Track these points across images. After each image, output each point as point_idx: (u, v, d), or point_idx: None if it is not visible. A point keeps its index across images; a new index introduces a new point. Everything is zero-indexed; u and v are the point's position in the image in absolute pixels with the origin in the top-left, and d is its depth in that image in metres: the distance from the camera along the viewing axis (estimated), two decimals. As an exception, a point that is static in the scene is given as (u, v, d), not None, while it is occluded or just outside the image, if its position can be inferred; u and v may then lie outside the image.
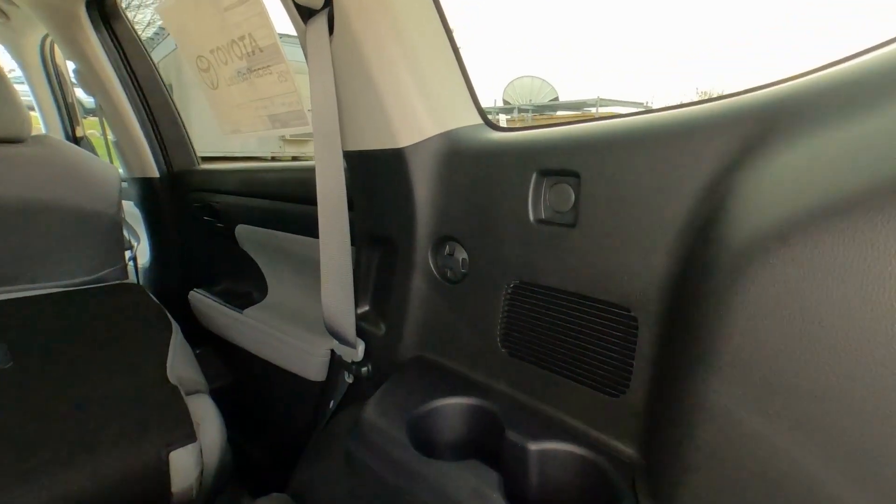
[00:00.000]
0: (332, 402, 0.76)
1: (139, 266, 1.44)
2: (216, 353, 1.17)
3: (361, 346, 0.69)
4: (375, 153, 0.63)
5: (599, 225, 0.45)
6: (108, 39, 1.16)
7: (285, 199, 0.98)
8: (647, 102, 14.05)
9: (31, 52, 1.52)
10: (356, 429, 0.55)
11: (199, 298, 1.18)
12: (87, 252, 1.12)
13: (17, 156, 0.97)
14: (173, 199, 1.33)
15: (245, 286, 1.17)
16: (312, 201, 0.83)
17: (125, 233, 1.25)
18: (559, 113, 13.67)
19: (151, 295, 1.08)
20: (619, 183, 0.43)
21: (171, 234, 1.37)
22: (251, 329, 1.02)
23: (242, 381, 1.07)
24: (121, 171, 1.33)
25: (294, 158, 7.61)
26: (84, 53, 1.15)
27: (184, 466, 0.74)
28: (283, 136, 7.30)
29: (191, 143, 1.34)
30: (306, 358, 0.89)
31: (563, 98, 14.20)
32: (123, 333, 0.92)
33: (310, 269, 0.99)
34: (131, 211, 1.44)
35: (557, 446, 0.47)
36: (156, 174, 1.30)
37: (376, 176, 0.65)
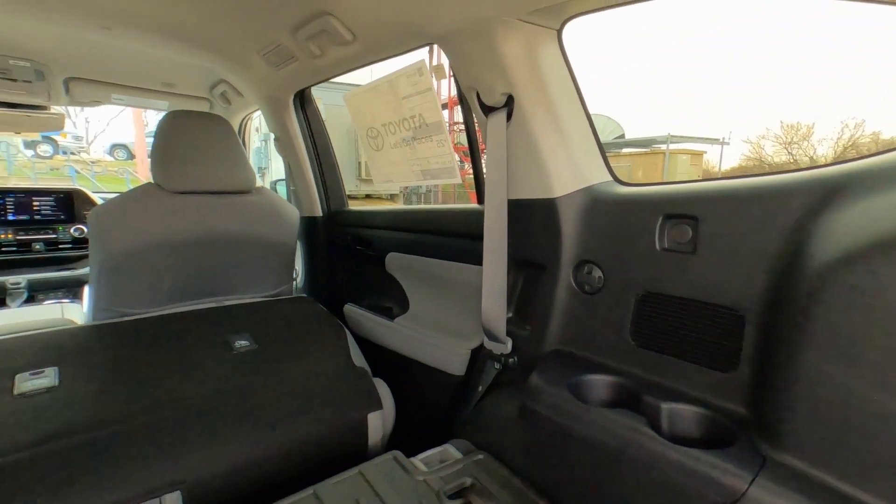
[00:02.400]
0: (480, 387, 1.00)
1: (295, 285, 1.82)
2: (365, 352, 1.48)
3: (509, 343, 0.92)
4: (534, 201, 0.88)
5: (714, 252, 0.66)
6: (302, 117, 1.59)
7: (430, 232, 1.28)
8: (722, 139, 13.57)
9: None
10: (527, 390, 0.78)
11: (353, 310, 1.50)
12: (274, 273, 1.49)
13: (247, 202, 1.37)
14: (329, 233, 1.70)
15: (387, 301, 1.47)
16: (453, 234, 1.11)
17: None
18: (625, 151, 13.63)
19: (321, 306, 1.41)
20: (729, 223, 0.64)
21: (323, 260, 1.74)
22: (400, 334, 1.30)
23: (388, 373, 1.34)
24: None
25: (367, 196, 8.60)
26: (286, 127, 1.58)
27: (375, 426, 1.00)
28: (359, 177, 8.33)
29: (344, 188, 1.72)
30: (450, 357, 1.14)
31: (631, 135, 14.16)
32: (312, 331, 1.24)
33: (446, 287, 1.26)
34: None
35: (684, 406, 0.66)
36: (319, 213, 1.69)
37: (532, 217, 0.91)
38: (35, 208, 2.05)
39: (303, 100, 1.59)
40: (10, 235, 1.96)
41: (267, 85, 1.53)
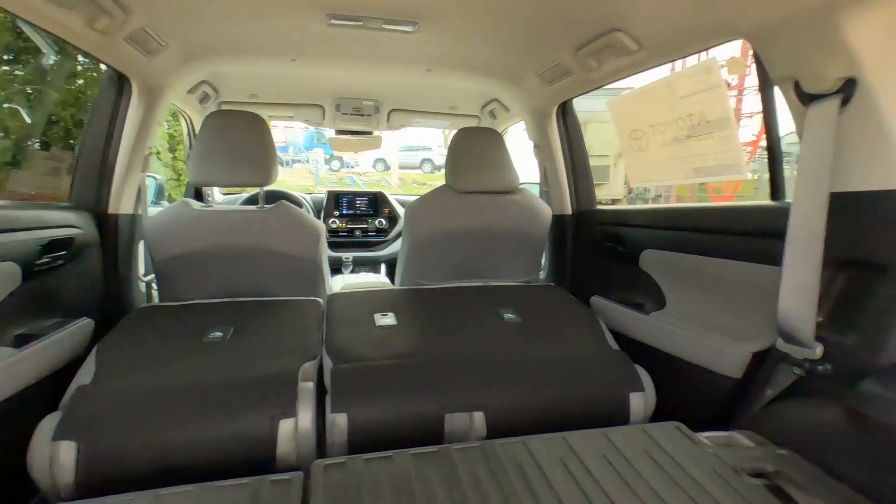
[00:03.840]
0: (769, 389, 0.95)
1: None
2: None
3: (819, 348, 0.85)
4: (875, 194, 0.79)
5: None
6: (562, 125, 1.80)
7: (701, 231, 1.26)
8: None
9: None
10: (862, 398, 0.73)
11: (601, 302, 1.60)
12: (525, 263, 1.71)
13: (510, 201, 1.63)
14: (577, 229, 1.85)
15: (638, 297, 1.50)
16: (733, 231, 1.06)
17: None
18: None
19: (570, 294, 1.56)
20: None
21: (569, 255, 1.89)
22: (657, 328, 1.32)
23: (640, 364, 1.38)
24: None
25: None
26: (546, 135, 1.82)
27: (636, 405, 1.07)
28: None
29: (594, 190, 1.84)
30: (722, 356, 1.11)
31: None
32: (567, 314, 1.38)
33: (718, 286, 1.22)
34: None
35: None
36: (569, 212, 1.86)
37: (873, 212, 0.80)
38: (357, 206, 2.92)
39: (564, 110, 1.79)
40: (343, 224, 2.84)
41: (534, 99, 1.78)
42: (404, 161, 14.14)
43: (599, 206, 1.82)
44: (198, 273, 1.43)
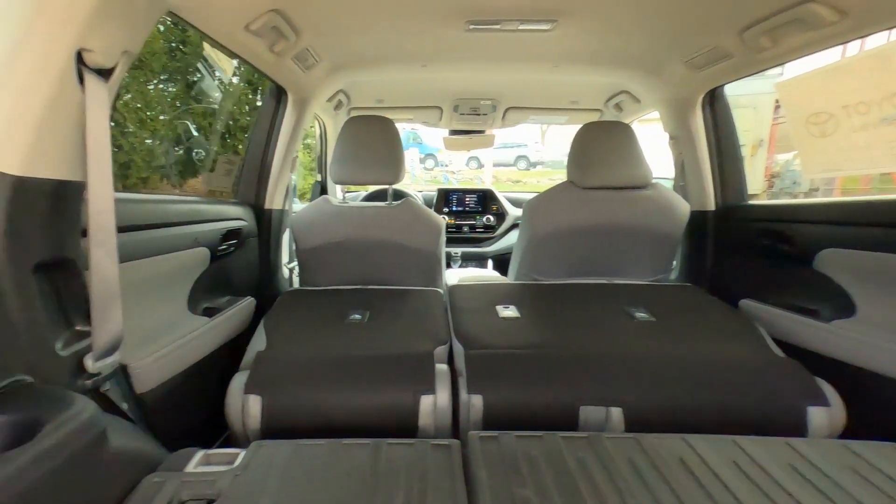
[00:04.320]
0: None
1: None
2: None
3: None
4: None
5: None
6: (709, 114, 1.61)
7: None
8: None
9: None
10: None
11: (755, 306, 1.41)
12: (654, 261, 1.59)
13: (642, 196, 1.52)
14: (721, 226, 1.65)
15: (812, 302, 1.28)
16: None
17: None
18: None
19: (710, 296, 1.40)
20: None
21: (709, 253, 1.69)
22: (850, 340, 1.13)
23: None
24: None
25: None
26: (687, 125, 1.65)
27: (819, 420, 0.94)
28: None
29: (744, 182, 1.62)
30: None
31: None
32: (712, 317, 1.27)
33: None
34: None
35: None
36: (711, 207, 1.66)
37: None
38: (466, 202, 2.96)
39: (713, 97, 1.59)
40: (453, 221, 2.90)
41: (676, 88, 1.62)
42: (498, 158, 14.06)
43: (753, 202, 1.59)
44: (333, 262, 1.59)
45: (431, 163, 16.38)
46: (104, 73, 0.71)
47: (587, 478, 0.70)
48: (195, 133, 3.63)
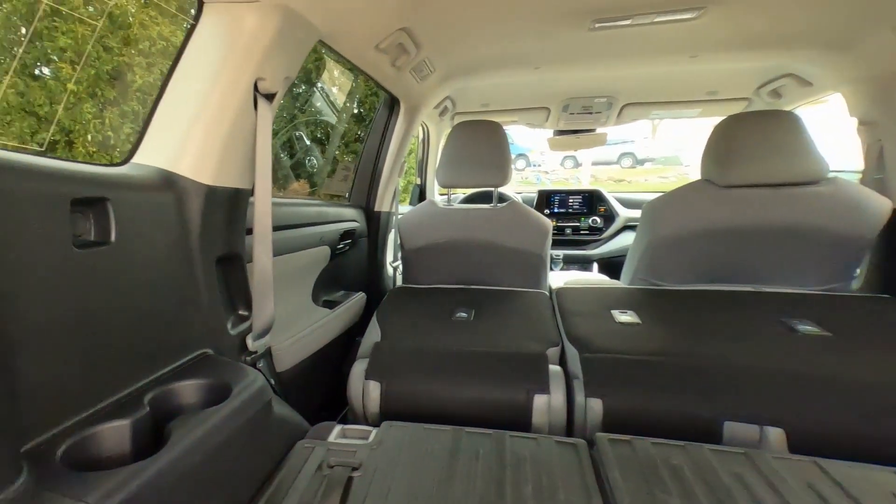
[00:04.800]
0: None
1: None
2: None
3: None
4: None
5: None
6: None
7: None
8: None
9: None
10: None
11: None
12: (829, 267, 1.36)
13: (811, 193, 1.30)
14: None
15: None
16: None
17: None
18: None
19: None
20: None
21: None
22: None
23: None
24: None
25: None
26: (892, 107, 1.38)
27: None
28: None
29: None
30: None
31: None
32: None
33: None
34: None
35: None
36: None
37: None
38: (569, 204, 2.86)
39: None
40: (554, 222, 2.82)
41: (874, 63, 1.38)
42: (598, 156, 13.28)
43: None
44: (437, 262, 1.66)
45: (522, 163, 16.10)
46: (270, 97, 0.83)
47: (752, 497, 0.66)
48: (307, 142, 4.06)
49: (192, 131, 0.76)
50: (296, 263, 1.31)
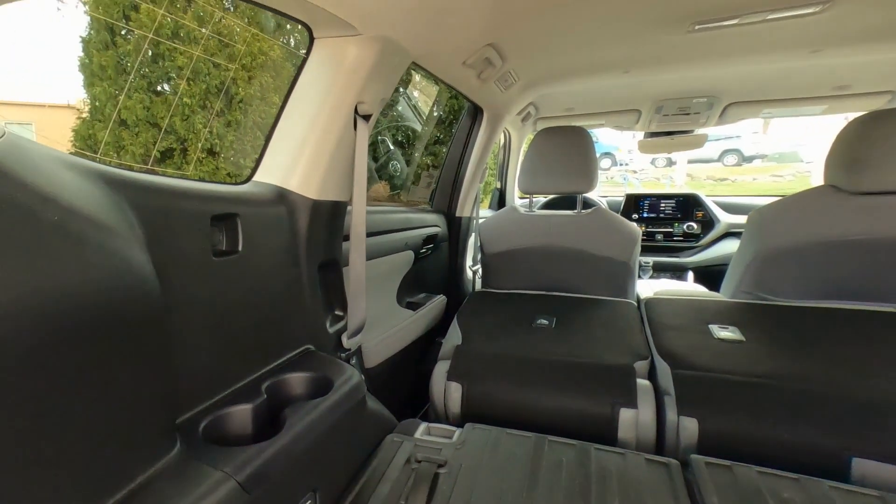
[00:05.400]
0: None
1: None
2: None
3: None
4: None
5: None
6: None
7: None
8: None
9: None
10: None
11: None
12: None
13: None
14: None
15: None
16: None
17: None
18: None
19: None
20: None
21: None
22: None
23: None
24: None
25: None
26: None
27: None
28: None
29: None
30: None
31: None
32: None
33: None
34: None
35: None
36: None
37: None
38: (661, 209, 2.66)
39: None
40: (644, 228, 2.65)
41: None
42: (696, 153, 12.07)
43: None
44: (517, 267, 1.66)
45: (608, 162, 15.25)
46: (367, 118, 0.91)
47: None
48: (390, 146, 4.27)
49: (301, 152, 0.86)
50: (383, 267, 1.39)
